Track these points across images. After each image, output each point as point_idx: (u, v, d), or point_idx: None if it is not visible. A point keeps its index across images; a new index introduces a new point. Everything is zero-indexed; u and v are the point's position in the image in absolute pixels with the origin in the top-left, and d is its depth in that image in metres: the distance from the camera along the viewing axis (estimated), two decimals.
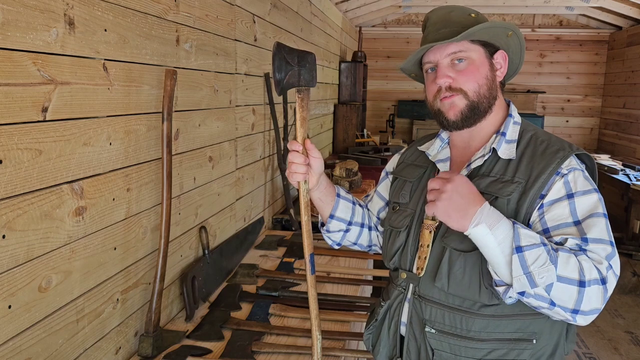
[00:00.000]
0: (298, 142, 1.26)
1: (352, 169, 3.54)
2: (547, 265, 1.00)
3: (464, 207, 1.07)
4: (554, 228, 1.10)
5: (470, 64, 1.20)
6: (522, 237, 1.03)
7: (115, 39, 1.49)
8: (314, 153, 1.27)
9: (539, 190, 1.13)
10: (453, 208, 1.07)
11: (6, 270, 1.14)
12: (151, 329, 1.66)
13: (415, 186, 1.35)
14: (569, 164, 1.15)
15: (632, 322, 4.01)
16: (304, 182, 1.28)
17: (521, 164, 1.18)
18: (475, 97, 1.20)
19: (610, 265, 1.05)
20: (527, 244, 1.02)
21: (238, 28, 2.50)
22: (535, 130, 1.25)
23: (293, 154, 1.26)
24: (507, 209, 1.14)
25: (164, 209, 1.67)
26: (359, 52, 6.36)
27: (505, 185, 1.16)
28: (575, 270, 1.01)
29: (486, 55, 1.23)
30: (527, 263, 1.02)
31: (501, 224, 1.05)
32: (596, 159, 5.93)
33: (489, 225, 1.05)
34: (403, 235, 1.31)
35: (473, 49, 1.20)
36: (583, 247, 1.06)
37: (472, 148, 1.28)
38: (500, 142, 1.22)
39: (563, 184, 1.12)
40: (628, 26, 6.66)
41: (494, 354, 1.16)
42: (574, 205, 1.10)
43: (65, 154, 1.31)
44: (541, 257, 1.01)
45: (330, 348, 1.71)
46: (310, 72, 1.24)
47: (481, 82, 1.20)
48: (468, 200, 1.07)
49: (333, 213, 1.40)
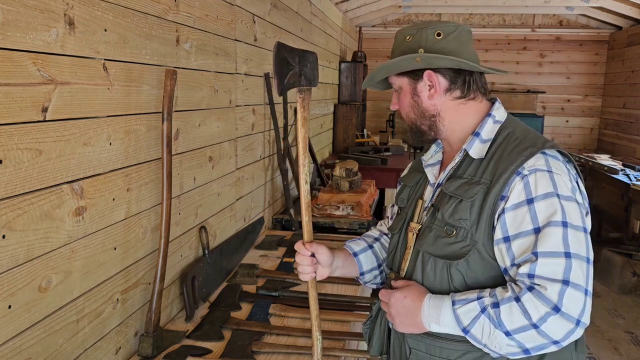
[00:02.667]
0: (303, 247, 1.30)
1: (352, 169, 3.54)
2: (492, 333, 1.08)
3: (412, 320, 1.19)
4: (515, 237, 1.10)
5: (402, 93, 1.31)
6: (463, 317, 1.11)
7: (115, 39, 1.49)
8: (319, 251, 1.31)
9: (499, 191, 1.13)
10: (406, 324, 1.21)
11: (6, 270, 1.14)
12: (151, 329, 1.66)
13: (413, 190, 1.40)
14: (533, 164, 1.12)
15: (632, 322, 4.01)
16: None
17: (490, 163, 1.18)
18: (409, 121, 1.32)
19: (567, 282, 1.04)
20: (469, 322, 1.10)
21: (238, 28, 2.50)
22: (515, 127, 1.24)
23: (300, 257, 1.31)
24: (470, 211, 1.16)
25: (164, 209, 1.67)
26: (359, 52, 6.36)
27: (471, 187, 1.17)
28: (521, 317, 1.05)
29: (409, 83, 1.28)
30: (477, 337, 1.11)
31: (443, 313, 1.14)
32: (596, 159, 5.93)
33: (436, 321, 1.15)
34: (396, 237, 1.37)
35: (398, 80, 1.30)
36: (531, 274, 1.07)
37: (454, 151, 1.31)
38: (473, 142, 1.23)
39: (523, 187, 1.11)
40: (628, 26, 6.66)
41: (468, 356, 1.18)
42: (534, 211, 1.09)
43: (65, 154, 1.31)
44: (485, 327, 1.09)
45: (330, 348, 1.71)
46: (312, 71, 1.24)
47: (407, 109, 1.31)
48: (409, 311, 1.19)
49: (362, 271, 1.46)
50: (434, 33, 1.23)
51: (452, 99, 1.27)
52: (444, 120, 1.28)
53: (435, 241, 1.20)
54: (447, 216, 1.19)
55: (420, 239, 1.25)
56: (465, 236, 1.16)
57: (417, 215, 1.31)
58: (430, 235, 1.22)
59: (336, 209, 3.34)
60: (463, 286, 1.17)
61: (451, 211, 1.18)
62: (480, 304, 1.10)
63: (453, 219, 1.17)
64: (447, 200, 1.21)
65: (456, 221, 1.17)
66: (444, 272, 1.18)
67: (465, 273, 1.16)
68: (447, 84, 1.25)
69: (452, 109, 1.27)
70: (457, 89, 1.26)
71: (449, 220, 1.18)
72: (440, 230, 1.20)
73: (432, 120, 1.29)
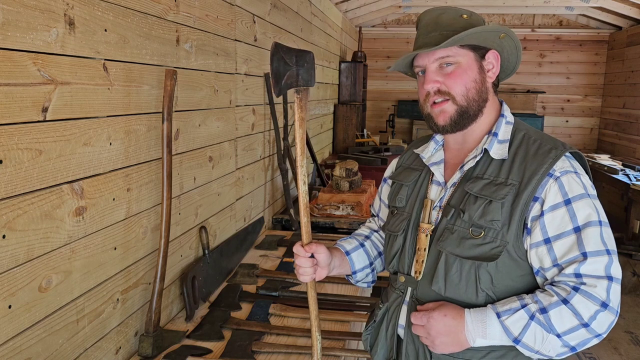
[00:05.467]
0: (302, 249, 1.28)
1: (352, 169, 3.54)
2: (545, 338, 1.08)
3: (454, 338, 1.14)
4: (556, 238, 1.11)
5: (457, 67, 1.20)
6: (512, 328, 1.09)
7: (116, 39, 1.49)
8: (318, 251, 1.28)
9: (532, 192, 1.13)
10: (447, 343, 1.15)
11: (6, 270, 1.14)
12: (151, 328, 1.66)
13: (411, 189, 1.35)
14: (562, 166, 1.14)
15: (632, 322, 4.01)
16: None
17: (514, 164, 1.17)
18: (464, 101, 1.20)
19: (610, 277, 1.07)
20: (519, 331, 1.09)
21: (238, 28, 2.50)
22: (527, 129, 1.25)
23: (299, 259, 1.28)
24: (501, 212, 1.14)
25: (164, 209, 1.67)
26: (359, 52, 6.36)
27: (499, 188, 1.16)
28: (572, 319, 1.06)
29: (475, 59, 1.21)
30: (530, 346, 1.09)
31: (489, 326, 1.12)
32: (596, 158, 5.93)
33: (482, 335, 1.12)
34: (400, 238, 1.31)
35: (461, 54, 1.20)
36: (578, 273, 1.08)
37: (465, 150, 1.28)
38: (492, 143, 1.22)
39: (558, 189, 1.12)
40: (628, 26, 6.66)
41: (491, 355, 1.17)
42: (573, 211, 1.10)
43: (66, 154, 1.31)
44: (537, 334, 1.08)
45: (330, 348, 1.71)
46: (308, 71, 1.22)
47: (469, 85, 1.20)
48: (450, 329, 1.14)
49: (354, 270, 1.43)
50: (482, 20, 1.24)
51: (492, 89, 1.27)
52: (486, 108, 1.25)
53: (460, 242, 1.17)
54: (476, 217, 1.16)
55: (442, 241, 1.20)
56: (495, 237, 1.14)
57: (427, 215, 1.26)
58: (453, 236, 1.18)
59: (336, 209, 3.34)
60: (490, 287, 1.15)
61: (481, 212, 1.15)
62: (527, 311, 1.09)
63: (484, 220, 1.15)
64: (474, 201, 1.17)
65: (487, 222, 1.14)
66: (472, 274, 1.16)
67: (494, 274, 1.15)
68: (498, 71, 1.25)
69: (491, 99, 1.27)
70: (497, 80, 1.27)
71: (479, 222, 1.15)
72: (464, 231, 1.17)
73: (483, 105, 1.23)
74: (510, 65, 1.31)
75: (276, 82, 1.20)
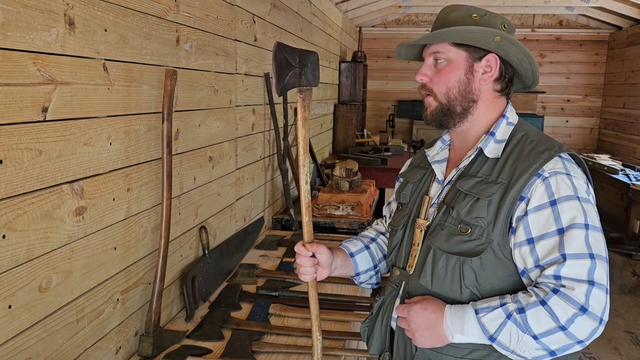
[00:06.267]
0: (304, 248, 1.28)
1: (352, 169, 3.54)
2: (521, 338, 1.07)
3: (433, 332, 1.16)
4: (539, 238, 1.10)
5: (448, 65, 1.23)
6: (488, 325, 1.10)
7: (116, 39, 1.49)
8: (320, 251, 1.29)
9: (519, 192, 1.13)
10: (426, 337, 1.17)
11: (6, 270, 1.14)
12: (151, 328, 1.66)
13: (415, 187, 1.38)
14: (552, 167, 1.13)
15: (632, 322, 4.01)
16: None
17: (507, 163, 1.18)
18: (444, 99, 1.24)
19: (592, 282, 1.05)
20: (495, 329, 1.09)
21: (238, 28, 2.50)
22: (528, 130, 1.25)
23: (300, 258, 1.29)
24: (487, 210, 1.15)
25: (164, 209, 1.68)
26: (359, 52, 6.36)
27: (488, 186, 1.17)
28: (549, 320, 1.06)
29: (467, 59, 1.22)
30: (505, 344, 1.09)
31: (467, 322, 1.12)
32: (596, 158, 5.93)
33: (460, 331, 1.13)
34: (400, 233, 1.35)
35: (453, 52, 1.22)
36: (557, 275, 1.07)
37: (465, 149, 1.29)
38: (488, 142, 1.23)
39: (545, 189, 1.11)
40: (628, 26, 6.66)
41: (475, 354, 1.17)
42: (557, 213, 1.10)
43: (66, 154, 1.31)
44: (512, 333, 1.08)
45: (330, 348, 1.71)
46: (312, 71, 1.23)
47: (451, 84, 1.23)
48: (430, 323, 1.16)
49: (357, 272, 1.44)
50: (501, 23, 1.23)
51: (492, 91, 1.26)
52: (477, 109, 1.26)
53: (448, 238, 1.19)
54: (463, 214, 1.18)
55: (432, 236, 1.23)
56: (480, 234, 1.15)
57: (424, 211, 1.29)
58: (442, 232, 1.21)
59: (336, 209, 3.34)
60: (474, 284, 1.16)
61: (468, 209, 1.17)
62: (505, 310, 1.09)
63: (470, 217, 1.16)
64: (463, 198, 1.19)
65: (473, 219, 1.16)
66: (456, 270, 1.17)
67: (478, 271, 1.16)
68: (499, 74, 1.25)
69: (487, 101, 1.27)
70: (502, 83, 1.26)
71: (465, 218, 1.17)
72: (453, 227, 1.19)
73: (470, 105, 1.25)
74: (527, 72, 1.29)
75: (278, 82, 1.21)
